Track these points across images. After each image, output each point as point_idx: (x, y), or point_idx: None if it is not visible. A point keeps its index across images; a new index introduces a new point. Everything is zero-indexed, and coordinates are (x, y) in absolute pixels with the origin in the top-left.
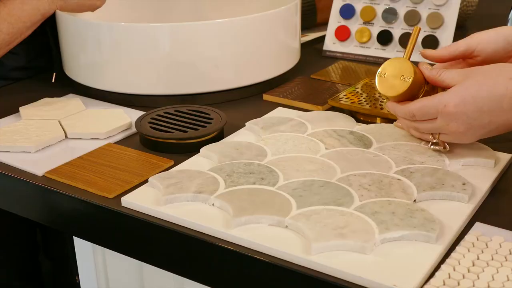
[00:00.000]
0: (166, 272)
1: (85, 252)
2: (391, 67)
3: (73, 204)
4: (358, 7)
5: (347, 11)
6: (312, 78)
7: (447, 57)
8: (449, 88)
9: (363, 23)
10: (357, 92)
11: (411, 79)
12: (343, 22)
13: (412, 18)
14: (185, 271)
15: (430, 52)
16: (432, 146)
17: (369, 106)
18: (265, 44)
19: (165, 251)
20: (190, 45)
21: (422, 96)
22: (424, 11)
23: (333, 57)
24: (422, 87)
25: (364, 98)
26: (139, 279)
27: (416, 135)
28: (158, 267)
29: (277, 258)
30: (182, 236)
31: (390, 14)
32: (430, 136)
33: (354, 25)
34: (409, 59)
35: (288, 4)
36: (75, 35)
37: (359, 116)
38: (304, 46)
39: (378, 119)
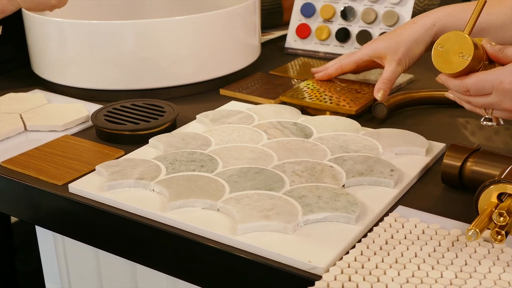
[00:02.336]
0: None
1: (46, 239)
2: (450, 42)
3: (26, 191)
4: (318, 5)
5: (308, 10)
6: (270, 74)
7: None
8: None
9: (323, 21)
10: (308, 87)
11: (469, 58)
12: (304, 20)
13: (369, 16)
14: (127, 254)
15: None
16: (484, 122)
17: (319, 100)
18: (223, 41)
19: (108, 234)
20: (151, 41)
21: (479, 70)
22: (380, 9)
23: (295, 54)
24: (481, 63)
25: (314, 93)
26: (96, 264)
27: (468, 108)
28: (105, 250)
29: (206, 238)
30: (121, 220)
31: (348, 12)
32: (483, 111)
33: (314, 23)
34: (469, 34)
35: (246, 1)
36: (41, 33)
37: (309, 111)
38: (268, 43)
39: (328, 113)
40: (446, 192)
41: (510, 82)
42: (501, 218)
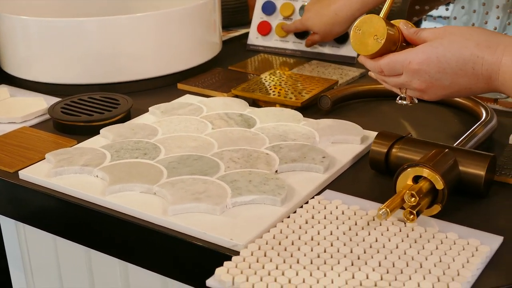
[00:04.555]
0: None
1: (9, 228)
2: (367, 24)
3: None
4: (278, 4)
5: (269, 8)
6: (229, 69)
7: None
8: None
9: (283, 18)
10: (261, 81)
11: (382, 41)
12: (265, 18)
13: None
14: (76, 238)
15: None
16: (399, 101)
17: (269, 94)
18: (182, 37)
19: (58, 220)
20: (113, 38)
21: (396, 51)
22: None
23: (256, 51)
24: (396, 44)
25: (265, 87)
26: (54, 250)
27: (387, 87)
28: (58, 235)
29: (141, 219)
30: (67, 204)
31: None
32: (399, 90)
33: (275, 20)
34: (385, 17)
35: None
36: (6, 30)
37: (260, 103)
38: (232, 40)
39: (277, 105)
40: (375, 177)
41: (418, 63)
42: (412, 199)
